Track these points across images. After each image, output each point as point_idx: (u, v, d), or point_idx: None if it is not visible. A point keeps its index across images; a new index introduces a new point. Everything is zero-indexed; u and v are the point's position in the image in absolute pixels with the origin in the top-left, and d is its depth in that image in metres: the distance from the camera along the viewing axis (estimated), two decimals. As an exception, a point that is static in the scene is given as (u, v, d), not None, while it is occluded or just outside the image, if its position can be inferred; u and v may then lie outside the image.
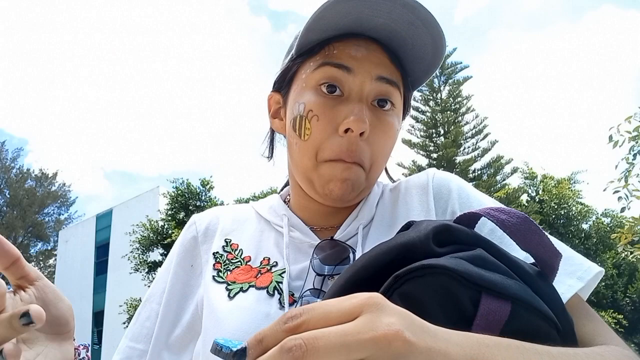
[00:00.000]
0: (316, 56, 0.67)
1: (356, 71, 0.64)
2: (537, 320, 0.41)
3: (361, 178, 0.66)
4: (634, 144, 6.14)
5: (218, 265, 0.71)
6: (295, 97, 0.69)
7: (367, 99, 0.65)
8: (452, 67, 15.27)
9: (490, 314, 0.39)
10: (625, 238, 6.18)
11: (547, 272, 0.48)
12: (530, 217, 0.48)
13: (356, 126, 0.62)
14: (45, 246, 30.82)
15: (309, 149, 0.66)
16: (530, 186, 19.41)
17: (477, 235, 0.48)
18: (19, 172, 30.43)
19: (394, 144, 0.71)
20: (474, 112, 14.77)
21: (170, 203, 15.14)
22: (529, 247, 0.47)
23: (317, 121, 0.64)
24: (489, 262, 0.43)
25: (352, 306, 0.33)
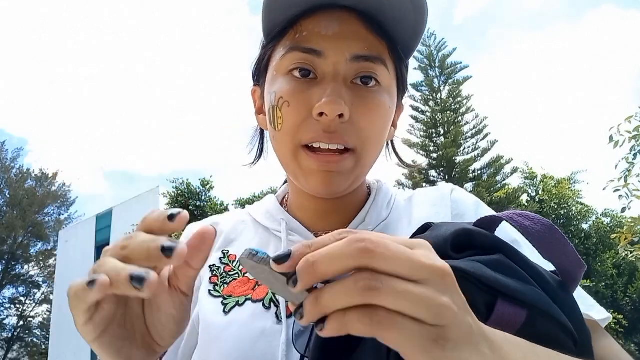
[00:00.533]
0: (285, 39, 0.61)
1: (327, 53, 0.58)
2: (554, 328, 0.41)
3: (348, 165, 0.61)
4: (634, 143, 6.14)
5: (215, 278, 0.67)
6: (268, 87, 0.64)
7: (346, 79, 0.59)
8: (452, 67, 15.26)
9: (503, 319, 0.39)
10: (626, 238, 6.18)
11: (568, 282, 0.47)
12: (555, 225, 0.47)
13: (329, 109, 0.56)
14: (45, 246, 30.82)
15: (284, 139, 0.61)
16: (530, 186, 19.40)
17: (498, 239, 0.46)
18: (19, 172, 30.44)
19: (387, 122, 0.64)
20: (474, 112, 14.77)
21: (170, 203, 15.13)
22: (551, 256, 0.46)
23: (287, 107, 0.59)
24: (508, 267, 0.42)
25: (409, 240, 0.35)
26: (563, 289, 0.46)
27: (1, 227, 28.01)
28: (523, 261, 0.45)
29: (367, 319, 0.31)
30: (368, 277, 0.31)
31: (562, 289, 0.45)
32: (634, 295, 19.40)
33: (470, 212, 0.68)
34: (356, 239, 0.32)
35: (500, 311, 0.39)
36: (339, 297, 0.31)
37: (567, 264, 0.46)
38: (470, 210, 0.69)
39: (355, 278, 0.31)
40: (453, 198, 0.72)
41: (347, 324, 0.31)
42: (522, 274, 0.43)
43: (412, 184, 14.04)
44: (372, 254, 0.31)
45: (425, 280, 0.32)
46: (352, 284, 0.31)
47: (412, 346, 0.31)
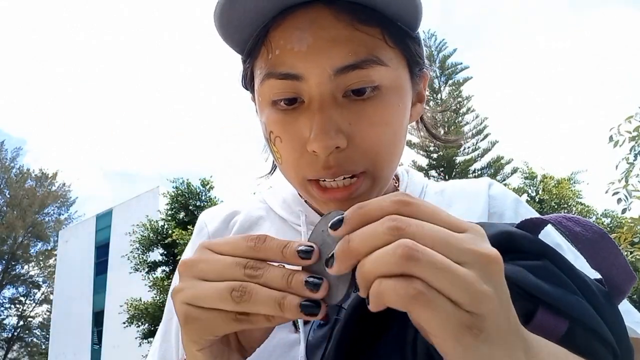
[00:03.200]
0: (259, 59, 0.54)
1: (307, 75, 0.50)
2: (595, 343, 0.39)
3: (364, 187, 0.55)
4: (634, 144, 6.13)
5: None
6: (259, 112, 0.60)
7: (335, 96, 0.51)
8: (452, 68, 15.26)
9: (542, 329, 0.37)
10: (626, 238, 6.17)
11: (615, 294, 0.44)
12: (607, 233, 0.44)
13: (319, 147, 0.50)
14: (45, 246, 30.82)
15: (289, 173, 0.58)
16: (530, 186, 19.38)
17: (543, 243, 0.44)
18: (18, 172, 30.43)
19: (398, 126, 0.55)
20: (474, 113, 14.77)
21: (170, 203, 15.11)
22: (600, 266, 0.43)
23: (281, 143, 0.55)
24: (553, 275, 0.40)
25: (459, 221, 0.34)
26: (609, 300, 0.43)
27: (1, 227, 27.99)
28: (569, 268, 0.42)
29: (402, 290, 0.29)
30: (409, 244, 0.30)
31: (608, 300, 0.43)
32: (634, 295, 19.36)
33: (510, 211, 0.65)
34: (390, 218, 0.32)
35: (539, 320, 0.37)
36: (379, 263, 0.30)
37: (616, 275, 0.43)
38: (510, 209, 0.65)
39: (397, 244, 0.30)
40: (491, 194, 0.67)
41: (383, 292, 0.30)
42: (567, 282, 0.40)
43: (412, 184, 14.04)
44: (404, 232, 0.31)
45: (467, 263, 0.31)
46: (392, 249, 0.30)
47: (444, 329, 0.29)
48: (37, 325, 30.58)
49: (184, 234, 13.10)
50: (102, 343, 21.15)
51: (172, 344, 0.65)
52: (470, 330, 0.30)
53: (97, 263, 23.44)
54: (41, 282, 30.82)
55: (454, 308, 0.30)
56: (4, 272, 28.97)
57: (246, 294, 0.35)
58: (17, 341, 29.69)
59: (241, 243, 0.38)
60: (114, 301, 18.82)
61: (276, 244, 0.37)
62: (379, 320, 0.38)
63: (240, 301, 0.35)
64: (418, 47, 0.58)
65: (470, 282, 0.30)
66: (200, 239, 0.70)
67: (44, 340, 29.66)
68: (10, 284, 29.92)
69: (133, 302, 14.21)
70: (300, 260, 0.36)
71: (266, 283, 0.36)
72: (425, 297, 0.29)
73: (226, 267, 0.37)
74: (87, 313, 22.71)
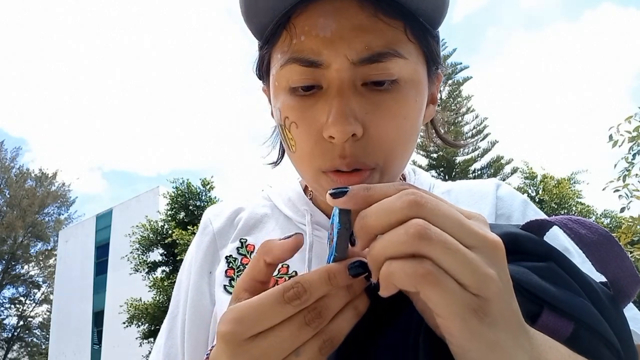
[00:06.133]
0: (280, 44, 0.54)
1: (329, 61, 0.50)
2: (599, 345, 0.38)
3: (374, 181, 0.54)
4: (634, 143, 6.13)
5: (231, 271, 0.63)
6: (273, 99, 0.58)
7: (354, 84, 0.51)
8: (452, 68, 15.25)
9: (547, 330, 0.37)
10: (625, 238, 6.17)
11: (620, 298, 0.44)
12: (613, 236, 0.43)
13: (337, 133, 0.50)
14: (45, 246, 30.80)
15: (301, 162, 0.56)
16: (530, 186, 19.38)
17: (548, 245, 0.43)
18: (18, 172, 30.43)
19: (414, 122, 0.55)
20: (474, 113, 14.77)
21: (170, 203, 15.11)
22: (606, 269, 0.43)
23: (296, 129, 0.54)
24: (558, 276, 0.40)
25: (465, 210, 0.34)
26: (614, 303, 0.43)
27: (1, 227, 27.98)
28: (574, 271, 0.42)
29: (412, 269, 0.29)
30: (421, 224, 0.30)
31: (613, 303, 0.43)
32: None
33: (517, 213, 0.64)
34: (407, 192, 0.32)
35: (544, 321, 0.37)
36: (390, 243, 0.31)
37: (621, 278, 0.43)
38: (517, 211, 0.65)
39: (408, 224, 0.30)
40: (499, 195, 0.67)
41: (393, 273, 0.30)
42: (573, 284, 0.40)
43: (412, 184, 14.03)
44: (423, 207, 0.31)
45: (475, 247, 0.31)
46: (404, 230, 0.30)
47: (451, 310, 0.30)
48: (37, 325, 30.59)
49: (184, 234, 13.10)
50: (102, 343, 21.15)
51: (177, 341, 0.64)
52: (476, 313, 0.30)
53: (97, 263, 23.44)
54: (41, 282, 30.84)
55: (461, 290, 0.30)
56: (4, 272, 28.96)
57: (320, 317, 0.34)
58: (17, 341, 29.68)
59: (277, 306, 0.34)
60: (114, 301, 18.82)
61: (317, 278, 0.34)
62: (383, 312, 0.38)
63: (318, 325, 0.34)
64: (437, 45, 0.58)
65: (477, 264, 0.30)
66: (205, 236, 0.69)
67: (44, 340, 29.65)
68: (10, 284, 29.91)
69: (133, 302, 14.21)
70: (352, 278, 0.35)
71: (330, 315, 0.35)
72: (434, 277, 0.29)
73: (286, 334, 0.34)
74: (87, 313, 22.71)
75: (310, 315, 0.34)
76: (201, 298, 0.64)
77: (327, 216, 0.64)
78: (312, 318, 0.34)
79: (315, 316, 0.34)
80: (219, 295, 0.61)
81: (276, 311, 0.33)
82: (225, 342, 0.34)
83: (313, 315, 0.34)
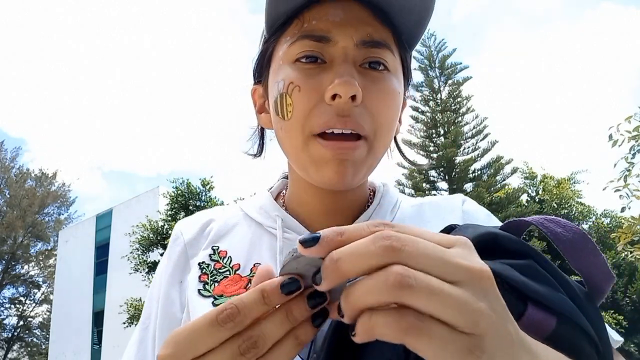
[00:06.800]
0: (290, 29, 0.60)
1: (336, 39, 0.57)
2: (581, 339, 0.39)
3: (362, 153, 0.58)
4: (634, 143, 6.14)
5: (204, 276, 0.64)
6: (273, 77, 0.62)
7: (355, 63, 0.58)
8: (452, 68, 15.25)
9: (533, 324, 0.37)
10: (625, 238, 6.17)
11: (594, 294, 0.45)
12: (587, 234, 0.44)
13: (343, 89, 0.54)
14: (45, 246, 30.82)
15: (295, 127, 0.58)
16: (530, 186, 19.40)
17: (526, 244, 0.44)
18: (18, 172, 30.44)
19: (398, 108, 0.62)
20: (473, 113, 14.77)
21: (170, 203, 15.11)
22: (581, 266, 0.44)
23: (298, 92, 0.57)
24: (538, 273, 0.41)
25: (446, 237, 0.32)
26: (589, 300, 0.44)
27: (1, 227, 27.99)
28: (552, 268, 0.43)
29: (394, 322, 0.28)
30: (401, 272, 0.28)
31: (589, 299, 0.44)
32: (634, 295, 19.38)
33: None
34: (382, 235, 0.29)
35: (530, 316, 0.37)
36: (368, 293, 0.29)
37: (595, 275, 0.44)
38: (483, 223, 0.65)
39: (387, 272, 0.28)
40: (465, 209, 0.70)
41: (374, 327, 0.28)
42: (552, 281, 0.41)
43: (412, 183, 14.04)
44: (400, 252, 0.29)
45: (460, 282, 0.29)
46: (383, 278, 0.28)
47: (444, 356, 0.28)
48: (37, 325, 30.60)
49: (184, 234, 13.07)
50: (102, 343, 21.16)
51: (148, 352, 0.65)
52: (472, 354, 0.28)
53: (97, 263, 23.44)
54: (41, 282, 30.85)
55: (451, 332, 0.28)
56: (4, 272, 28.98)
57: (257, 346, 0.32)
58: (17, 341, 29.70)
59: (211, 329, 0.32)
60: (114, 301, 18.82)
61: (251, 298, 0.32)
62: None
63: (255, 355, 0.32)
64: (411, 66, 0.68)
65: (465, 302, 0.29)
66: (176, 247, 0.69)
67: (44, 340, 29.67)
68: (10, 284, 29.93)
69: (133, 302, 14.22)
70: (285, 296, 0.32)
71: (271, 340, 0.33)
72: (419, 327, 0.28)
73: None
74: (87, 313, 22.72)
75: (245, 344, 0.32)
76: (171, 307, 0.65)
77: (297, 220, 0.66)
78: (246, 348, 0.32)
79: (250, 346, 0.32)
80: (193, 299, 0.62)
81: (210, 334, 0.32)
82: None
83: (248, 345, 0.32)
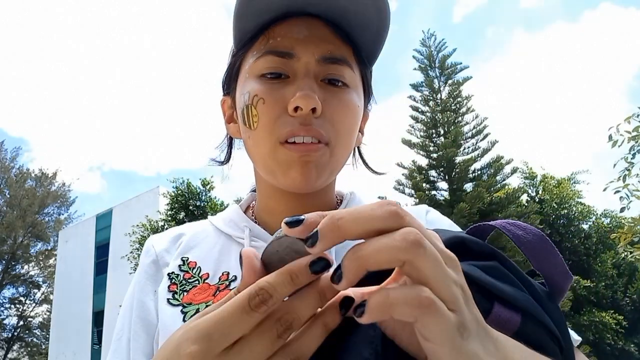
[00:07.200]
0: (257, 45, 0.63)
1: (299, 55, 0.61)
2: (544, 335, 0.41)
3: (324, 157, 0.62)
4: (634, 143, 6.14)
5: (173, 286, 0.65)
6: (240, 89, 0.65)
7: (316, 77, 0.62)
8: (452, 68, 15.24)
9: (500, 322, 0.39)
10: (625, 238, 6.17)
11: (556, 294, 0.47)
12: (545, 236, 0.47)
13: (304, 102, 0.58)
14: (45, 246, 30.79)
15: (261, 135, 0.62)
16: (530, 186, 19.40)
17: (491, 247, 0.47)
18: (18, 172, 30.42)
19: (357, 120, 0.66)
20: (473, 113, 14.75)
21: (170, 203, 15.12)
22: (541, 266, 0.47)
23: (263, 104, 0.61)
24: (503, 274, 0.43)
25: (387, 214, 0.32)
26: (551, 299, 0.46)
27: (1, 227, 27.99)
28: (515, 269, 0.45)
29: (415, 300, 0.29)
30: (418, 233, 0.29)
31: (550, 298, 0.46)
32: (634, 295, 19.37)
33: None
34: (388, 202, 0.31)
35: (496, 314, 0.39)
36: (383, 250, 0.29)
37: (555, 274, 0.47)
38: None
39: (406, 231, 0.29)
40: (428, 219, 0.73)
41: (393, 304, 0.29)
42: (515, 281, 0.43)
43: (412, 183, 14.02)
44: (404, 219, 0.30)
45: (445, 260, 0.32)
46: (403, 235, 0.29)
47: (445, 335, 0.29)
48: (37, 325, 30.58)
49: (184, 234, 13.07)
50: (102, 343, 21.15)
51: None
52: (459, 332, 0.30)
53: (97, 263, 23.44)
54: (41, 282, 30.84)
55: (450, 312, 0.30)
56: (4, 272, 28.97)
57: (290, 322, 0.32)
58: (17, 341, 29.70)
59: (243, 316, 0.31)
60: (114, 301, 18.83)
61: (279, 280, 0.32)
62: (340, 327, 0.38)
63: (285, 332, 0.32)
64: (371, 81, 0.72)
65: (453, 278, 0.30)
66: (148, 259, 0.71)
67: (44, 340, 29.65)
68: (10, 284, 29.91)
69: (133, 302, 14.18)
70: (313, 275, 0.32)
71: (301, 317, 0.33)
72: (434, 304, 0.29)
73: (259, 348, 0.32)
74: (87, 313, 22.72)
75: (283, 327, 0.32)
76: (147, 314, 0.65)
77: (265, 229, 0.69)
78: (284, 330, 0.32)
79: (287, 327, 0.32)
80: (163, 308, 0.63)
81: (243, 320, 0.31)
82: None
83: (285, 326, 0.32)
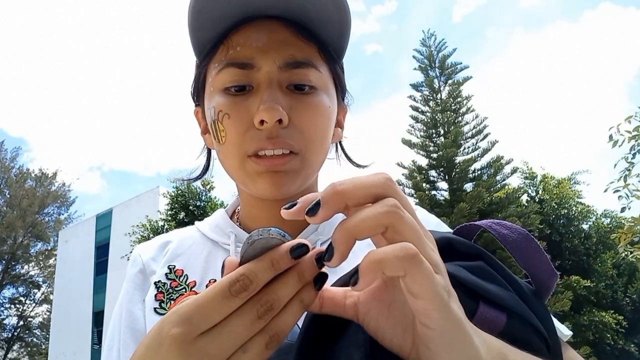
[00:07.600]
0: (218, 55, 0.62)
1: (260, 64, 0.59)
2: (531, 334, 0.42)
3: (295, 165, 0.61)
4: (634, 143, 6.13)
5: (160, 295, 0.65)
6: (207, 104, 0.65)
7: (281, 85, 0.60)
8: (452, 68, 15.23)
9: (485, 321, 0.39)
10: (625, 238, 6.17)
11: (542, 292, 0.48)
12: (530, 234, 0.48)
13: (268, 115, 0.57)
14: (45, 246, 30.79)
15: (230, 149, 0.62)
16: (530, 186, 19.39)
17: (477, 247, 0.47)
18: (18, 172, 30.42)
19: (329, 122, 0.65)
20: (474, 112, 14.74)
21: (170, 203, 15.11)
22: (527, 265, 0.47)
23: (228, 119, 0.60)
24: (488, 274, 0.44)
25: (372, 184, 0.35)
26: (537, 297, 0.47)
27: (1, 227, 27.98)
28: (501, 269, 0.46)
29: (403, 252, 0.30)
30: (396, 201, 0.33)
31: (536, 297, 0.47)
32: (634, 295, 19.38)
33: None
34: (381, 172, 0.35)
35: (482, 314, 0.40)
36: (369, 218, 0.32)
37: (540, 273, 0.47)
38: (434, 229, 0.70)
39: (387, 199, 0.33)
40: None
41: (383, 260, 0.30)
42: (501, 280, 0.44)
43: (412, 183, 14.01)
44: (395, 191, 0.34)
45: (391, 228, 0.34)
46: (384, 202, 0.32)
47: (433, 290, 0.31)
48: (37, 325, 30.58)
49: (184, 234, 13.06)
50: (102, 343, 21.08)
51: None
52: (445, 290, 0.32)
53: (97, 263, 23.43)
54: (41, 282, 30.83)
55: (433, 269, 0.32)
56: (4, 272, 28.97)
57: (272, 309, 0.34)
58: (17, 341, 29.70)
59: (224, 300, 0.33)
60: (114, 301, 18.68)
61: (260, 267, 0.34)
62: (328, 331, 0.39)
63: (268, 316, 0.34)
64: (342, 74, 0.71)
65: (432, 248, 0.34)
66: (135, 268, 0.71)
67: (44, 340, 29.66)
68: (10, 284, 29.91)
69: (133, 302, 14.16)
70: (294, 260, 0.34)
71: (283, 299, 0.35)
72: (420, 257, 0.31)
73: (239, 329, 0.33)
74: (87, 313, 22.71)
75: (263, 308, 0.33)
76: (136, 323, 0.66)
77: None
78: (264, 311, 0.33)
79: (267, 309, 0.34)
80: (150, 317, 0.64)
81: (223, 305, 0.33)
82: (177, 343, 0.32)
83: (266, 308, 0.33)
